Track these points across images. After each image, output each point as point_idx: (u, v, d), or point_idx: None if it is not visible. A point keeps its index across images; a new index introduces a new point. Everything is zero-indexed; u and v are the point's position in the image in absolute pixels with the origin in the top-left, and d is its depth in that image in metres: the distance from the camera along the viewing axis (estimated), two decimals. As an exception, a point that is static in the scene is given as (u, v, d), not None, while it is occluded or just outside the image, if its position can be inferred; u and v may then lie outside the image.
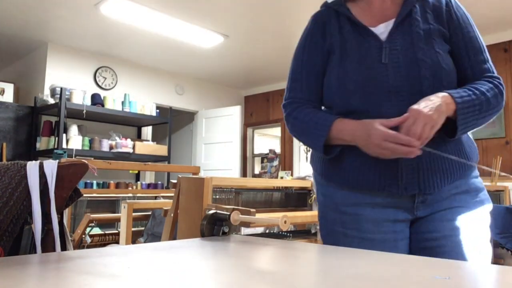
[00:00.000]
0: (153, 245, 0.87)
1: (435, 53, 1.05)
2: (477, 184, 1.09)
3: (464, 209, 1.05)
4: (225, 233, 0.99)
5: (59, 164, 1.01)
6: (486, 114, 1.03)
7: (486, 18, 4.28)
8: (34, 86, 5.29)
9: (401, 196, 1.05)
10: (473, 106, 1.00)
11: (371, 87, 1.04)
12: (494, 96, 1.03)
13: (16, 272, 0.58)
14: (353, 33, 1.11)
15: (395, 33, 1.08)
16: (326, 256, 0.80)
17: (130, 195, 4.12)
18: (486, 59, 1.09)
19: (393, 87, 1.03)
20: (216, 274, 0.62)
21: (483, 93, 1.02)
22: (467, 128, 1.02)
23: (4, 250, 0.93)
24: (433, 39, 1.06)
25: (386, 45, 1.07)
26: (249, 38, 4.94)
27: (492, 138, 4.65)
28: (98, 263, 0.67)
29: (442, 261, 0.72)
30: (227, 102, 7.05)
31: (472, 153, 1.11)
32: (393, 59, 1.05)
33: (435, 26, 1.08)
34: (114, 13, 4.23)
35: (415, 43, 1.05)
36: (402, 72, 1.03)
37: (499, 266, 0.66)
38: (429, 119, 0.94)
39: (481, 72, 1.07)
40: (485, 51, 1.10)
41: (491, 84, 1.05)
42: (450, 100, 0.99)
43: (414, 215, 1.07)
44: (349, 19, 1.13)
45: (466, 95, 1.01)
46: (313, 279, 0.60)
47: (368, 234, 1.06)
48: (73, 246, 2.30)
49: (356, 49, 1.09)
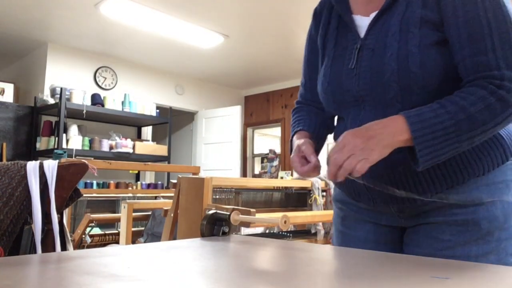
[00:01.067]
0: (153, 245, 0.87)
1: (406, 53, 0.85)
2: (476, 195, 0.87)
3: (452, 227, 0.88)
4: (225, 233, 0.99)
5: (59, 164, 1.01)
6: (472, 134, 0.78)
7: (486, 18, 4.28)
8: (34, 86, 5.29)
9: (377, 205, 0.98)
10: (442, 129, 0.77)
11: (338, 94, 0.96)
12: (484, 109, 0.78)
13: (16, 272, 0.58)
14: (336, 29, 1.01)
15: (375, 27, 0.92)
16: (326, 256, 0.80)
17: (130, 195, 4.13)
18: (489, 48, 0.79)
19: (359, 95, 0.92)
20: (216, 274, 0.62)
21: (463, 108, 0.78)
22: (438, 157, 0.79)
23: (4, 250, 0.93)
24: (411, 32, 0.86)
25: (361, 44, 0.93)
26: (249, 38, 4.94)
27: (492, 138, 4.64)
28: (98, 263, 0.67)
29: (442, 261, 0.72)
30: (227, 102, 7.06)
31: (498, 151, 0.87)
32: (362, 63, 0.92)
33: (417, 13, 0.86)
34: (114, 13, 4.23)
35: (388, 41, 0.88)
36: (367, 79, 0.90)
37: (499, 266, 0.66)
38: (359, 152, 0.78)
39: (475, 67, 0.81)
40: (493, 36, 0.79)
41: (485, 90, 0.78)
42: (403, 127, 0.79)
43: (398, 223, 0.98)
44: (339, 11, 1.02)
45: (431, 116, 0.79)
46: (313, 279, 0.60)
47: (351, 231, 1.06)
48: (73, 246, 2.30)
49: (332, 50, 1.01)
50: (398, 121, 0.80)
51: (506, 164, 0.88)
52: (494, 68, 0.79)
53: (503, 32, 0.80)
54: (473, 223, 0.86)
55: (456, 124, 0.78)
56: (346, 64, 0.95)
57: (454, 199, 0.87)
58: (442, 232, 0.89)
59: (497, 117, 0.78)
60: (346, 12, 0.99)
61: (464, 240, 0.87)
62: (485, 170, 0.87)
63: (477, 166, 0.86)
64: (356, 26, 0.97)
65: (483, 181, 0.87)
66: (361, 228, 1.04)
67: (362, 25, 0.96)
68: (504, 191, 0.87)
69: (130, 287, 0.52)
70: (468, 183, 0.87)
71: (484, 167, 0.87)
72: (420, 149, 0.78)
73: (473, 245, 0.86)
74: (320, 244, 1.04)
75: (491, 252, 0.86)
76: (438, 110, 0.79)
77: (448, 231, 0.88)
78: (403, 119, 0.80)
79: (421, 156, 0.78)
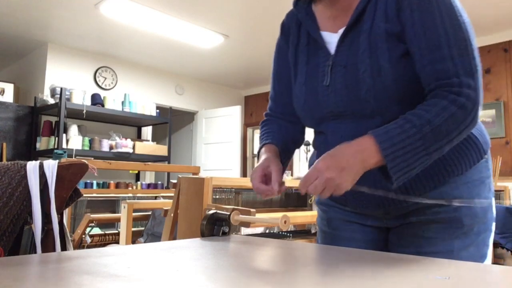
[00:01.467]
0: (153, 245, 0.87)
1: (379, 68, 0.87)
2: (456, 193, 0.91)
3: (435, 224, 0.92)
4: (225, 233, 0.99)
5: (59, 164, 1.01)
6: (440, 145, 0.81)
7: (486, 18, 4.28)
8: (34, 86, 5.29)
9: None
10: (410, 144, 0.79)
11: (315, 111, 0.97)
12: (448, 118, 0.80)
13: (16, 272, 0.58)
14: (307, 46, 1.02)
15: (344, 43, 0.94)
16: (326, 256, 0.80)
17: (130, 195, 4.13)
18: (447, 56, 0.82)
19: (337, 111, 0.94)
20: (216, 274, 0.62)
21: (428, 121, 0.80)
22: (410, 171, 0.81)
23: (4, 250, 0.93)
24: (379, 47, 0.88)
25: (333, 61, 0.94)
26: (249, 38, 4.94)
27: (492, 138, 4.62)
28: (98, 263, 0.67)
29: (442, 261, 0.72)
30: (227, 102, 7.05)
31: (468, 153, 0.91)
32: (336, 80, 0.93)
33: (382, 27, 0.88)
34: (114, 13, 4.23)
35: (359, 57, 0.90)
36: (343, 96, 0.92)
37: (499, 266, 0.66)
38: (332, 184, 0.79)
39: (435, 75, 0.83)
40: (450, 44, 0.82)
41: (446, 100, 0.81)
42: (373, 149, 0.80)
43: (384, 224, 1.01)
44: (307, 28, 1.02)
45: (398, 132, 0.80)
46: (313, 279, 0.60)
47: (337, 232, 1.07)
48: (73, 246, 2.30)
49: (304, 67, 1.01)
50: (368, 143, 0.81)
51: (481, 162, 0.94)
52: (453, 75, 0.82)
53: (460, 40, 0.83)
54: (456, 220, 0.91)
55: (423, 138, 0.80)
56: (320, 81, 0.96)
57: (437, 199, 0.91)
58: (425, 230, 0.93)
59: (460, 125, 0.81)
60: (314, 30, 1.00)
61: (447, 236, 0.91)
62: (463, 169, 0.91)
63: (456, 166, 0.91)
64: (326, 43, 0.97)
65: (461, 180, 0.92)
66: (347, 228, 1.05)
67: (331, 41, 0.97)
68: (481, 187, 0.93)
69: (130, 287, 0.52)
70: (448, 183, 0.91)
71: (462, 167, 0.91)
72: (392, 167, 0.79)
73: (454, 240, 0.91)
74: (320, 244, 1.04)
75: (471, 245, 0.91)
76: (404, 126, 0.81)
77: (432, 229, 0.92)
78: (372, 140, 0.81)
79: (394, 172, 0.80)
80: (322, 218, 1.12)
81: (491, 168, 0.98)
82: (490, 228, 0.94)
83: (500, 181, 4.19)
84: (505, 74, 4.64)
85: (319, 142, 1.03)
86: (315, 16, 1.01)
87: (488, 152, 0.97)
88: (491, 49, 4.73)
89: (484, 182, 0.94)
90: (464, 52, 0.83)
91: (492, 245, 0.95)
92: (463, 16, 0.86)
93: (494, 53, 4.71)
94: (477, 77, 0.83)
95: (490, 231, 0.94)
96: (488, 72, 4.74)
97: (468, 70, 0.82)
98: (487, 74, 4.75)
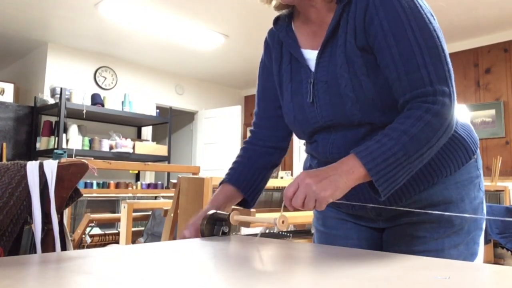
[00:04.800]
0: (153, 245, 0.87)
1: (359, 82, 0.88)
2: (446, 194, 0.93)
3: (427, 224, 0.94)
4: (225, 233, 0.99)
5: (59, 164, 1.01)
6: (420, 153, 0.82)
7: (486, 18, 4.28)
8: (34, 86, 5.29)
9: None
10: (392, 156, 0.80)
11: (305, 126, 1.00)
12: (424, 127, 0.81)
13: (16, 272, 0.58)
14: (289, 64, 1.03)
15: (322, 59, 0.95)
16: (326, 256, 0.80)
17: (130, 195, 4.13)
18: (420, 65, 0.83)
19: (325, 124, 0.96)
20: (216, 274, 0.62)
21: (405, 132, 0.81)
22: (396, 182, 0.81)
23: (4, 250, 0.93)
24: (355, 62, 0.89)
25: (314, 78, 0.95)
26: (249, 38, 4.94)
27: (492, 138, 4.65)
28: (98, 263, 0.67)
29: (442, 261, 0.72)
30: (227, 102, 7.06)
31: (453, 156, 0.93)
32: (319, 96, 0.95)
33: (353, 43, 0.90)
34: (114, 13, 4.23)
35: (338, 72, 0.91)
36: (329, 111, 0.94)
37: (499, 266, 0.66)
38: (313, 194, 0.80)
39: (410, 85, 0.84)
40: (423, 53, 0.83)
41: (420, 110, 0.82)
42: (356, 164, 0.81)
43: (377, 225, 1.03)
44: (288, 47, 1.03)
45: (378, 146, 0.81)
46: (313, 279, 0.60)
47: (332, 230, 1.09)
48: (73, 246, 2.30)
49: (289, 85, 1.02)
50: (350, 160, 0.82)
51: (470, 162, 0.96)
52: (427, 84, 0.83)
53: (431, 48, 0.84)
54: (446, 220, 0.93)
55: (403, 148, 0.80)
56: (305, 98, 0.97)
57: (427, 200, 0.93)
58: (417, 230, 0.95)
59: (438, 132, 0.82)
60: (295, 48, 1.00)
61: (438, 235, 0.93)
62: (451, 170, 0.93)
63: (444, 168, 0.93)
64: (307, 60, 0.98)
65: (451, 180, 0.94)
66: (342, 226, 1.07)
67: (312, 58, 0.98)
68: (470, 187, 0.95)
69: (130, 287, 0.52)
70: (438, 184, 0.93)
71: (451, 168, 0.93)
72: (377, 179, 0.80)
73: (445, 239, 0.93)
74: (320, 244, 1.04)
75: (461, 243, 0.93)
76: (382, 140, 0.82)
77: (423, 229, 0.95)
78: (354, 157, 0.82)
79: (380, 185, 0.80)
80: (318, 218, 1.13)
81: (481, 167, 1.00)
82: (480, 226, 0.96)
83: (500, 181, 4.19)
84: (505, 74, 4.64)
85: (310, 148, 1.05)
86: (295, 34, 1.02)
87: (477, 151, 0.98)
88: (491, 49, 4.73)
89: (473, 182, 0.96)
90: (437, 59, 0.83)
91: (483, 243, 0.97)
92: (433, 23, 0.86)
93: (494, 53, 4.71)
94: (450, 83, 0.84)
95: (480, 230, 0.96)
96: (488, 72, 4.74)
97: (442, 77, 0.83)
98: (487, 74, 4.75)
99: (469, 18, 4.24)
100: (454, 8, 4.00)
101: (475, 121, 4.71)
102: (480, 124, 4.72)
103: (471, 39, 4.80)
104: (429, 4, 0.91)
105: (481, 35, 4.71)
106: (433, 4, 1.05)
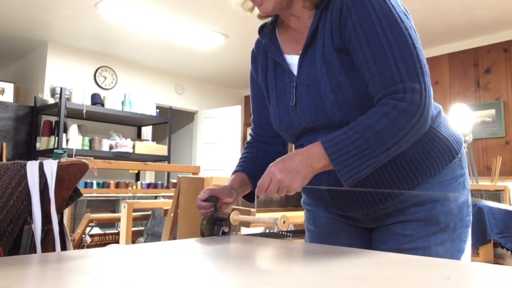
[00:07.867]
0: (153, 245, 0.87)
1: (337, 83, 0.92)
2: (431, 193, 0.96)
3: (414, 223, 0.96)
4: (225, 233, 0.99)
5: (59, 164, 1.01)
6: (385, 148, 0.84)
7: (486, 18, 4.28)
8: (34, 86, 5.29)
9: None
10: (355, 148, 0.83)
11: (291, 129, 1.03)
12: (389, 123, 0.83)
13: (16, 272, 0.58)
14: (274, 70, 1.07)
15: (303, 63, 0.98)
16: (326, 256, 0.80)
17: (130, 195, 4.12)
18: (392, 63, 0.85)
19: (309, 126, 0.99)
20: (216, 274, 0.62)
21: (369, 127, 0.84)
22: (359, 173, 0.84)
23: (4, 250, 0.93)
24: (333, 63, 0.92)
25: (297, 82, 0.99)
26: (249, 38, 4.93)
27: (492, 138, 4.65)
28: (98, 263, 0.68)
29: (442, 261, 0.72)
30: (227, 102, 7.05)
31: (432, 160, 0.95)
32: (302, 98, 0.98)
33: (330, 45, 0.93)
34: (114, 13, 4.23)
35: (318, 75, 0.94)
36: (311, 113, 0.97)
37: (499, 266, 0.66)
38: (284, 186, 0.86)
39: (383, 83, 0.86)
40: (394, 51, 0.85)
41: (388, 106, 0.84)
42: (320, 154, 0.86)
43: (365, 225, 1.05)
44: (271, 54, 1.07)
45: (343, 138, 0.85)
46: (313, 279, 0.60)
47: (323, 230, 1.11)
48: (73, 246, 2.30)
49: (274, 90, 1.06)
50: (316, 149, 0.87)
51: (454, 162, 0.98)
52: (398, 82, 0.85)
53: (402, 46, 0.86)
54: (432, 218, 0.95)
55: (367, 142, 0.84)
56: (289, 102, 1.01)
57: (413, 200, 0.96)
58: (404, 228, 0.98)
59: (404, 129, 0.84)
60: (277, 54, 1.04)
61: (425, 233, 0.96)
62: (435, 170, 0.95)
63: (428, 168, 0.95)
64: (289, 65, 1.02)
65: (435, 180, 0.96)
66: (333, 225, 1.10)
67: (294, 63, 1.01)
68: (454, 185, 0.98)
69: (130, 287, 0.52)
70: (422, 184, 0.95)
71: (435, 168, 0.95)
72: (339, 169, 0.84)
73: (431, 237, 0.96)
74: (320, 244, 1.04)
75: (447, 240, 0.96)
76: (348, 132, 0.86)
77: (410, 227, 0.97)
78: (319, 146, 0.87)
79: (342, 174, 0.84)
80: (308, 218, 1.16)
81: (465, 166, 1.02)
82: (466, 224, 0.99)
83: (500, 181, 4.19)
84: (505, 74, 4.64)
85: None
86: (278, 41, 1.06)
87: (461, 150, 1.00)
88: (491, 49, 4.73)
89: (457, 180, 0.98)
90: (408, 57, 0.85)
91: (470, 241, 1.00)
92: (405, 22, 0.88)
93: (494, 53, 4.71)
94: (422, 80, 0.85)
95: (466, 227, 0.99)
96: (488, 72, 4.74)
97: (412, 74, 0.85)
98: (487, 74, 4.75)
99: (469, 18, 4.23)
100: (454, 8, 4.00)
101: (475, 121, 4.71)
102: (480, 124, 4.72)
103: (471, 39, 4.80)
104: (430, 5, 0.91)
105: (481, 35, 4.71)
106: (433, 5, 1.04)
